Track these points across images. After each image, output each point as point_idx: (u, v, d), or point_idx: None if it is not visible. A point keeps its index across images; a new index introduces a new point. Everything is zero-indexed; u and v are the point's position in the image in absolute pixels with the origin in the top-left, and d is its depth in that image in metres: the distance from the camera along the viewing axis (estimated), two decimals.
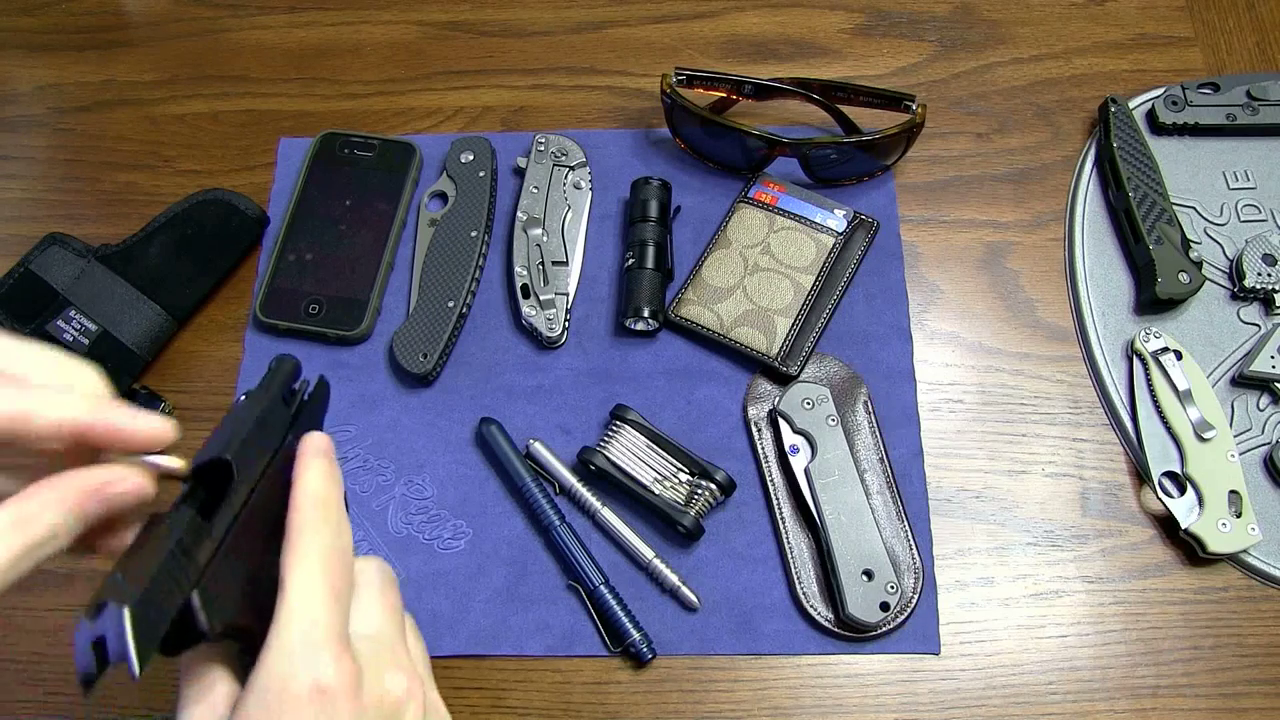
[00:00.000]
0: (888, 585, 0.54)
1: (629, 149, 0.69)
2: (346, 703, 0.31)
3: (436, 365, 0.61)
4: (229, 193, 0.66)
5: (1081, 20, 0.73)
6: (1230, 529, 0.55)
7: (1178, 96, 0.67)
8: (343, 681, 0.31)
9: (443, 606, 0.57)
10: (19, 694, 0.56)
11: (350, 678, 0.32)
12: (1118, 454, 0.60)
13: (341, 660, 0.32)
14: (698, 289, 0.63)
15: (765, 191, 0.65)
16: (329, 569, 0.34)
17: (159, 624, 0.29)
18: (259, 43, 0.75)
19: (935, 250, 0.66)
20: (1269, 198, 0.66)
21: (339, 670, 0.32)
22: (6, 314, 0.63)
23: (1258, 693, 0.54)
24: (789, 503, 0.58)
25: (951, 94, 0.71)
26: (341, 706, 0.31)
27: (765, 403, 0.61)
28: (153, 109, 0.72)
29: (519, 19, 0.75)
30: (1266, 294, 0.62)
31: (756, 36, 0.73)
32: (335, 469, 0.38)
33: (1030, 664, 0.55)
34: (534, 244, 0.64)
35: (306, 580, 0.33)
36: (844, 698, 0.55)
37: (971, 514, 0.59)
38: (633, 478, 0.58)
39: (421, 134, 0.71)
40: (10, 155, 0.71)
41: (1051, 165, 0.68)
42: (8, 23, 0.76)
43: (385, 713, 0.33)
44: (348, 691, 0.32)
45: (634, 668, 0.55)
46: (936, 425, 0.61)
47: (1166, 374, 0.59)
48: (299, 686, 0.31)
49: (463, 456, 0.61)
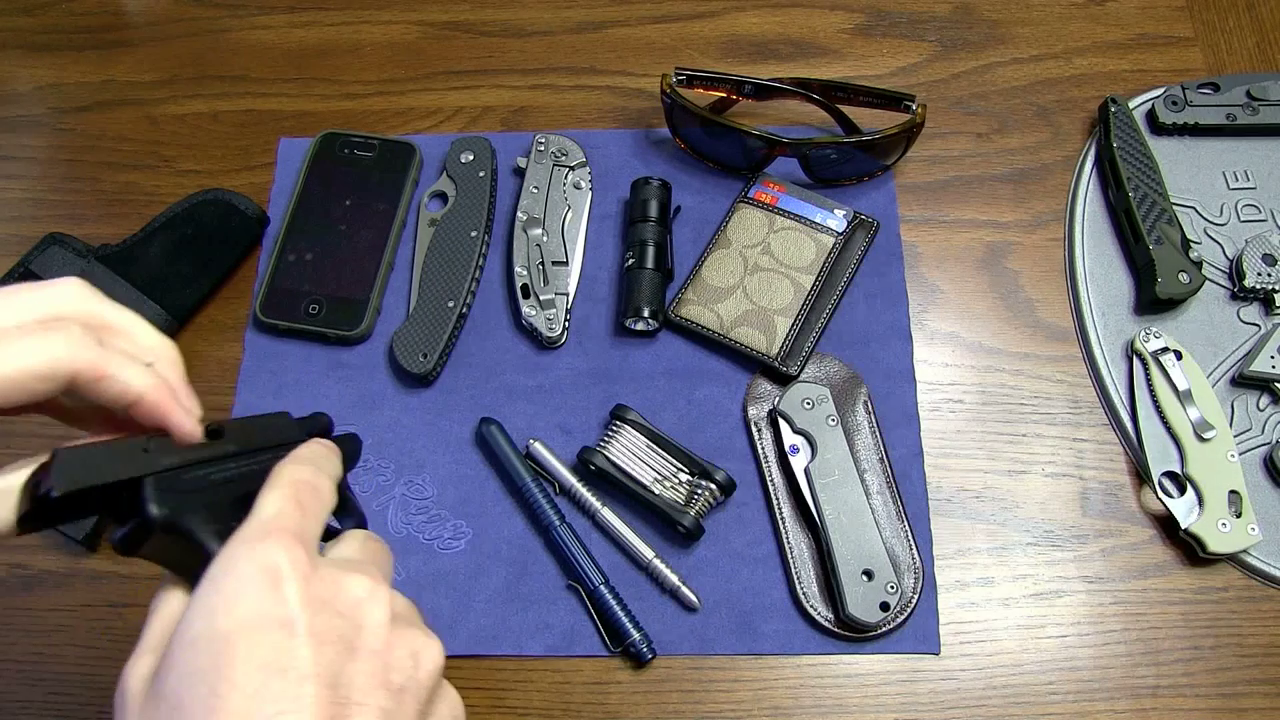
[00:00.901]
0: (888, 585, 0.54)
1: (629, 149, 0.69)
2: (294, 586, 0.29)
3: (436, 365, 0.61)
4: (229, 193, 0.66)
5: (1081, 20, 0.73)
6: (1230, 529, 0.55)
7: (1178, 96, 0.67)
8: (292, 567, 0.30)
9: (443, 606, 0.57)
10: (19, 694, 0.56)
11: (302, 565, 0.30)
12: (1118, 454, 0.60)
13: (294, 549, 0.30)
14: (698, 289, 0.63)
15: (765, 191, 0.65)
16: (299, 490, 0.33)
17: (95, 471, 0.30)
18: (259, 43, 0.75)
19: (935, 250, 0.66)
20: (1269, 198, 0.66)
21: (290, 557, 0.30)
22: None
23: (1258, 693, 0.54)
24: (789, 503, 0.58)
25: (951, 94, 0.71)
26: (288, 590, 0.29)
27: (765, 403, 0.61)
28: (153, 109, 0.72)
29: (519, 19, 0.75)
30: (1266, 294, 0.62)
31: (756, 36, 0.73)
32: (334, 454, 0.38)
33: (1030, 664, 0.55)
34: (534, 244, 0.64)
35: (274, 494, 0.33)
36: (844, 698, 0.55)
37: (971, 514, 0.59)
38: (633, 478, 0.58)
39: (421, 134, 0.71)
40: (10, 155, 0.71)
41: (1051, 165, 0.68)
42: (8, 23, 0.76)
43: (339, 609, 0.30)
44: (296, 577, 0.29)
45: (634, 668, 0.55)
46: (936, 425, 0.61)
47: (1166, 374, 0.59)
48: (247, 566, 0.29)
49: (463, 456, 0.61)
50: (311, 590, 0.30)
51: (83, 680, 0.56)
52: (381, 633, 0.31)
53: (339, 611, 0.30)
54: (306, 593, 0.29)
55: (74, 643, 0.57)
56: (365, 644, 0.30)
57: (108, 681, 0.56)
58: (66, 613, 0.58)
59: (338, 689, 0.28)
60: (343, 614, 0.30)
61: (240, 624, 0.28)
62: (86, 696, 0.56)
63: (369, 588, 0.32)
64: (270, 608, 0.28)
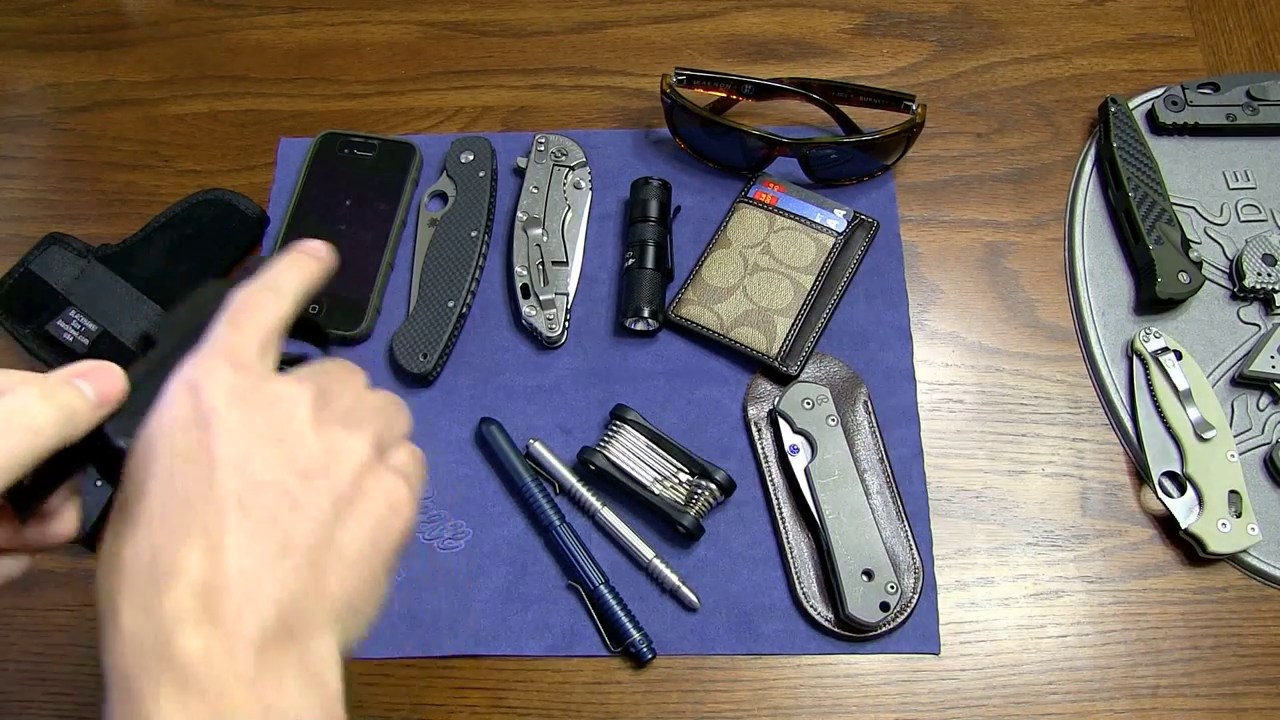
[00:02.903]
0: (888, 585, 0.54)
1: (629, 149, 0.69)
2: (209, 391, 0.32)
3: (436, 365, 0.61)
4: (229, 193, 0.66)
5: (1081, 20, 0.73)
6: (1230, 529, 0.55)
7: (1178, 96, 0.67)
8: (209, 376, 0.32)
9: (443, 606, 0.57)
10: (19, 694, 0.56)
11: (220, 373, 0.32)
12: (1118, 454, 0.60)
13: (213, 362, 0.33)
14: (698, 289, 0.63)
15: (765, 191, 0.65)
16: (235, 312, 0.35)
17: None
18: (259, 43, 0.75)
19: (935, 250, 0.66)
20: (1269, 198, 0.66)
21: (209, 368, 0.32)
22: (6, 314, 0.63)
23: (1258, 693, 0.54)
24: (789, 503, 0.58)
25: (951, 94, 0.71)
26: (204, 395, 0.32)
27: (765, 403, 0.61)
28: (153, 109, 0.72)
29: (519, 19, 0.75)
30: (1266, 294, 0.62)
31: (756, 36, 0.73)
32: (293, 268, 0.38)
33: (1030, 664, 0.55)
34: (534, 244, 0.64)
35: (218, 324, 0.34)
36: (844, 698, 0.55)
37: (971, 514, 0.59)
38: (633, 478, 0.58)
39: (421, 134, 0.71)
40: (10, 155, 0.71)
41: (1051, 165, 0.68)
42: (8, 23, 0.76)
43: (255, 406, 0.32)
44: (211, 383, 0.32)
45: (634, 668, 0.55)
46: (936, 425, 0.61)
47: (1166, 374, 0.59)
48: (173, 386, 0.32)
49: (463, 456, 0.61)
50: (228, 393, 0.32)
51: (83, 680, 0.56)
52: (300, 428, 0.33)
53: (255, 408, 0.32)
54: (221, 395, 0.32)
55: (74, 642, 0.57)
56: (279, 436, 0.33)
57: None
58: (67, 612, 0.58)
59: (244, 470, 0.31)
60: (259, 410, 0.33)
61: (160, 427, 0.32)
62: (86, 696, 0.56)
63: (293, 388, 0.34)
64: (187, 411, 0.32)
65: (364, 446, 0.34)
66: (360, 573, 0.33)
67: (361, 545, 0.33)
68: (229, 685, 0.28)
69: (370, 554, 0.34)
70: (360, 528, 0.33)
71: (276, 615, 0.30)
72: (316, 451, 0.33)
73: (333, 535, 0.32)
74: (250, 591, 0.29)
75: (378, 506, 0.34)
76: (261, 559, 0.30)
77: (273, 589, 0.30)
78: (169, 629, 0.28)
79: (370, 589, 0.34)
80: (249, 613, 0.29)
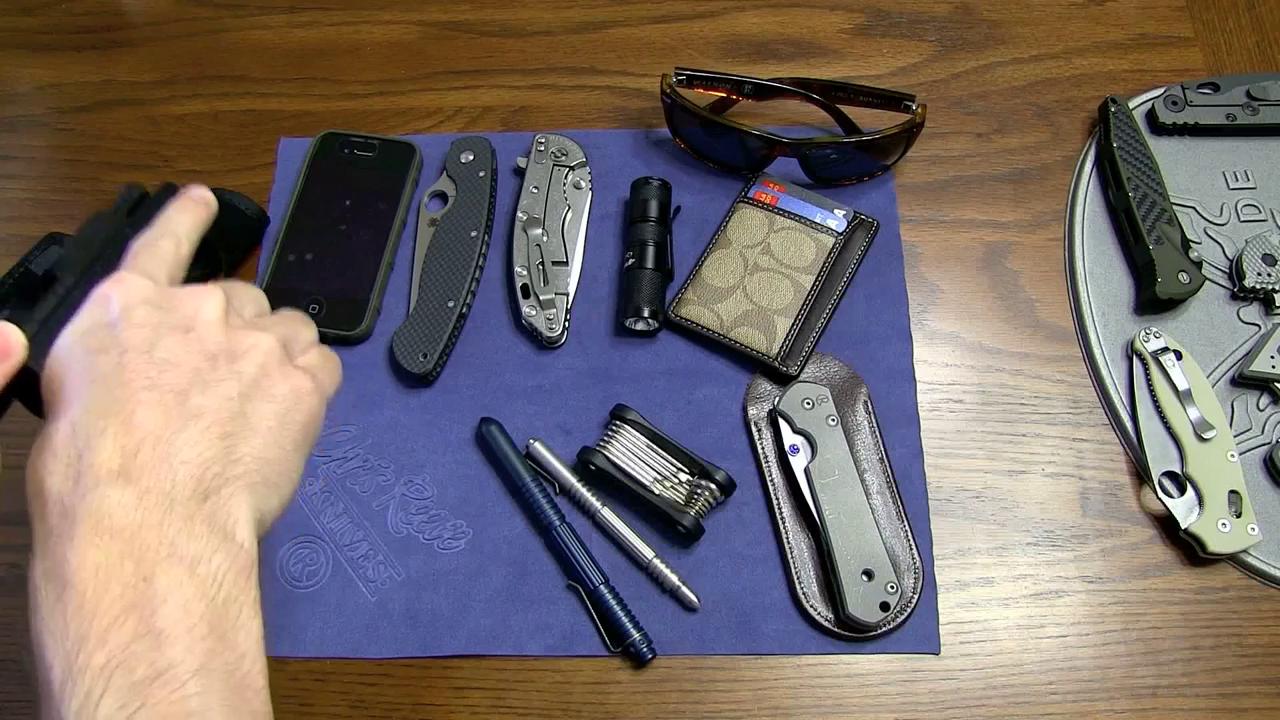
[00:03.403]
0: (888, 585, 0.54)
1: (629, 149, 0.69)
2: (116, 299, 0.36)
3: (436, 365, 0.61)
4: (229, 193, 0.66)
5: (1081, 20, 0.73)
6: (1230, 529, 0.55)
7: (1178, 96, 0.67)
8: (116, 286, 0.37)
9: (443, 606, 0.57)
10: (19, 694, 0.56)
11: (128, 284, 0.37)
12: (1118, 454, 0.60)
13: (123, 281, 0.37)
14: (698, 289, 0.63)
15: (765, 191, 0.65)
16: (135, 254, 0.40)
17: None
18: (259, 43, 0.75)
19: (935, 250, 0.66)
20: (1269, 198, 0.66)
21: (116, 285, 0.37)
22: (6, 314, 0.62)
23: (1258, 693, 0.54)
24: (789, 503, 0.58)
25: (951, 94, 0.71)
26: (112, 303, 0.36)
27: (765, 403, 0.61)
28: (153, 109, 0.72)
29: (519, 19, 0.75)
30: (1266, 294, 0.62)
31: (756, 36, 0.73)
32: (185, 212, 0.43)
33: (1030, 664, 0.55)
34: (534, 244, 0.64)
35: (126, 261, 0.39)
36: (844, 698, 0.55)
37: (971, 514, 0.59)
38: (633, 478, 0.58)
39: (421, 134, 0.71)
40: (10, 155, 0.71)
41: (1051, 165, 0.68)
42: (8, 23, 0.76)
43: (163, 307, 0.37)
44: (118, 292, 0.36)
45: (634, 668, 0.55)
46: (936, 425, 0.61)
47: (1166, 374, 0.59)
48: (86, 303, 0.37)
49: (463, 456, 0.61)
50: (140, 295, 0.36)
51: None
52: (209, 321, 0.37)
53: (165, 306, 0.37)
54: (134, 297, 0.36)
55: None
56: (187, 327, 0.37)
57: None
58: None
59: (152, 354, 0.35)
60: (170, 308, 0.37)
61: (74, 333, 0.36)
62: None
63: (203, 291, 0.38)
64: (99, 315, 0.36)
65: (270, 342, 0.38)
66: (268, 443, 0.36)
67: (269, 421, 0.37)
68: (141, 529, 0.31)
69: (278, 430, 0.37)
70: (268, 407, 0.37)
71: (188, 474, 0.33)
72: (223, 342, 0.37)
73: (241, 409, 0.36)
74: (161, 452, 0.33)
75: (283, 390, 0.38)
76: (171, 426, 0.34)
77: (183, 451, 0.33)
78: (88, 485, 0.32)
79: (281, 462, 0.37)
80: (162, 470, 0.33)
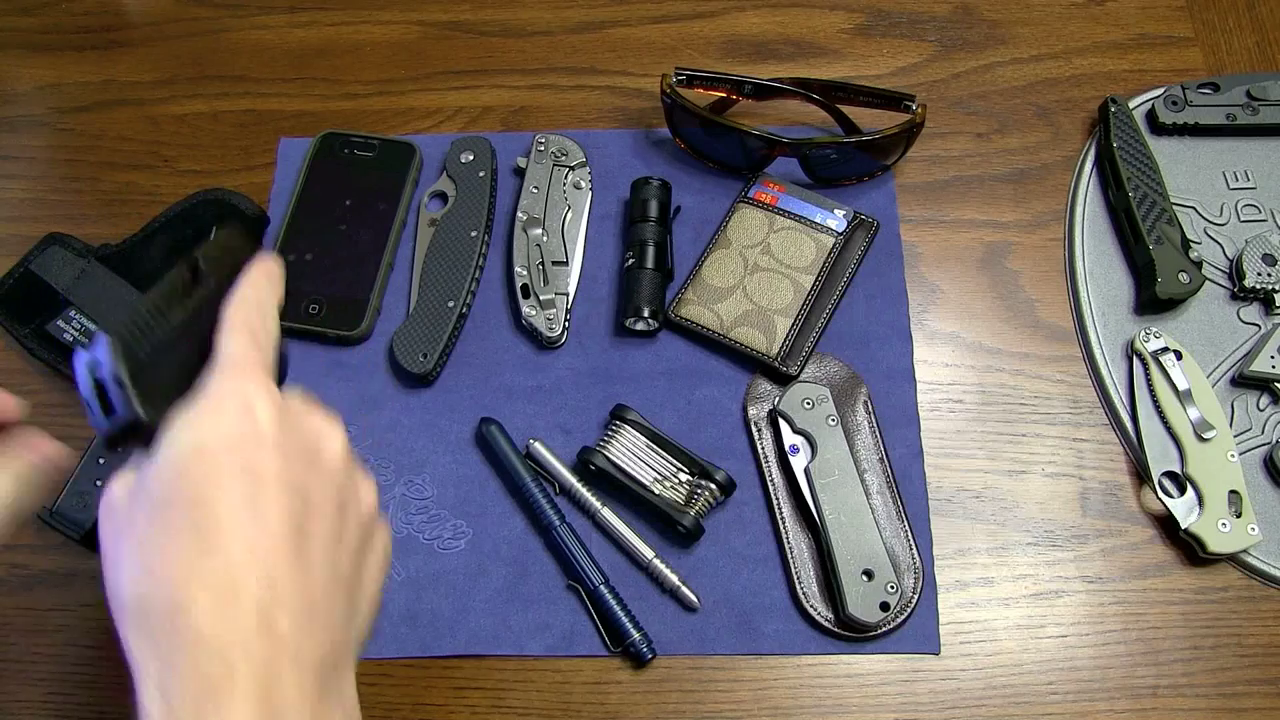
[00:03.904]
0: (888, 585, 0.54)
1: (629, 149, 0.69)
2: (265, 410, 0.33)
3: (436, 365, 0.61)
4: (229, 192, 0.66)
5: (1081, 20, 0.73)
6: (1230, 529, 0.55)
7: (1178, 96, 0.67)
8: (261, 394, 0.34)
9: (443, 606, 0.57)
10: (19, 694, 0.56)
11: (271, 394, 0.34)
12: (1118, 454, 0.60)
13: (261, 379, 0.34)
14: (698, 289, 0.63)
15: (765, 191, 0.65)
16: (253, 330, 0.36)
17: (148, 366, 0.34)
18: (259, 43, 0.75)
19: (935, 250, 0.66)
20: (1269, 198, 0.66)
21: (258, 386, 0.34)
22: (7, 314, 0.63)
23: (1258, 693, 0.54)
24: (789, 503, 0.58)
25: (951, 94, 0.71)
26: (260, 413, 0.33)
27: (765, 403, 0.61)
28: (153, 109, 0.72)
29: (519, 19, 0.75)
30: (1266, 294, 0.62)
31: (756, 36, 0.73)
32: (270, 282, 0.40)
33: (1030, 664, 0.55)
34: (534, 244, 0.64)
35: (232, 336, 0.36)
36: (844, 698, 0.55)
37: (971, 514, 0.59)
38: (633, 478, 0.58)
39: (421, 134, 0.71)
40: (10, 155, 0.71)
41: (1051, 165, 0.68)
42: (8, 23, 0.76)
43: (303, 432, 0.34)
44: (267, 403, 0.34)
45: (634, 668, 0.55)
46: (936, 425, 0.61)
47: (1166, 374, 0.59)
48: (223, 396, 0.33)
49: (463, 456, 0.61)
50: (279, 415, 0.34)
51: (83, 680, 0.56)
52: (337, 460, 0.35)
53: (303, 434, 0.34)
54: (275, 417, 0.34)
55: (74, 643, 0.57)
56: (324, 464, 0.35)
57: (108, 681, 0.56)
58: (66, 613, 0.58)
59: (300, 494, 0.33)
60: (305, 437, 0.35)
61: (221, 438, 0.32)
62: (86, 696, 0.56)
63: (329, 421, 0.36)
64: (247, 426, 0.33)
65: (375, 490, 0.37)
66: (374, 607, 0.36)
67: (377, 580, 0.36)
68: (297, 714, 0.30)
69: (378, 590, 0.36)
70: (375, 564, 0.36)
71: (331, 647, 0.32)
72: (350, 486, 0.35)
73: (360, 569, 0.35)
74: (309, 621, 0.31)
75: (382, 545, 0.37)
76: (314, 588, 0.32)
77: (325, 618, 0.32)
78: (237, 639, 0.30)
79: (372, 622, 0.36)
80: (309, 644, 0.31)
